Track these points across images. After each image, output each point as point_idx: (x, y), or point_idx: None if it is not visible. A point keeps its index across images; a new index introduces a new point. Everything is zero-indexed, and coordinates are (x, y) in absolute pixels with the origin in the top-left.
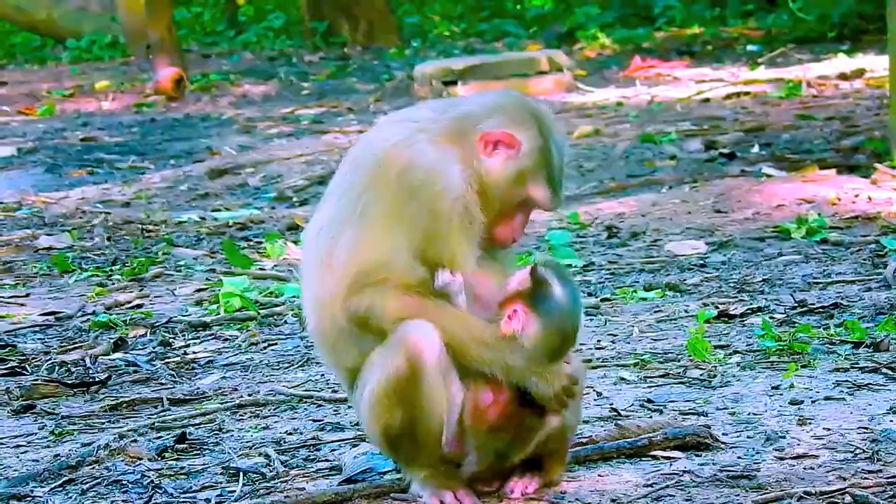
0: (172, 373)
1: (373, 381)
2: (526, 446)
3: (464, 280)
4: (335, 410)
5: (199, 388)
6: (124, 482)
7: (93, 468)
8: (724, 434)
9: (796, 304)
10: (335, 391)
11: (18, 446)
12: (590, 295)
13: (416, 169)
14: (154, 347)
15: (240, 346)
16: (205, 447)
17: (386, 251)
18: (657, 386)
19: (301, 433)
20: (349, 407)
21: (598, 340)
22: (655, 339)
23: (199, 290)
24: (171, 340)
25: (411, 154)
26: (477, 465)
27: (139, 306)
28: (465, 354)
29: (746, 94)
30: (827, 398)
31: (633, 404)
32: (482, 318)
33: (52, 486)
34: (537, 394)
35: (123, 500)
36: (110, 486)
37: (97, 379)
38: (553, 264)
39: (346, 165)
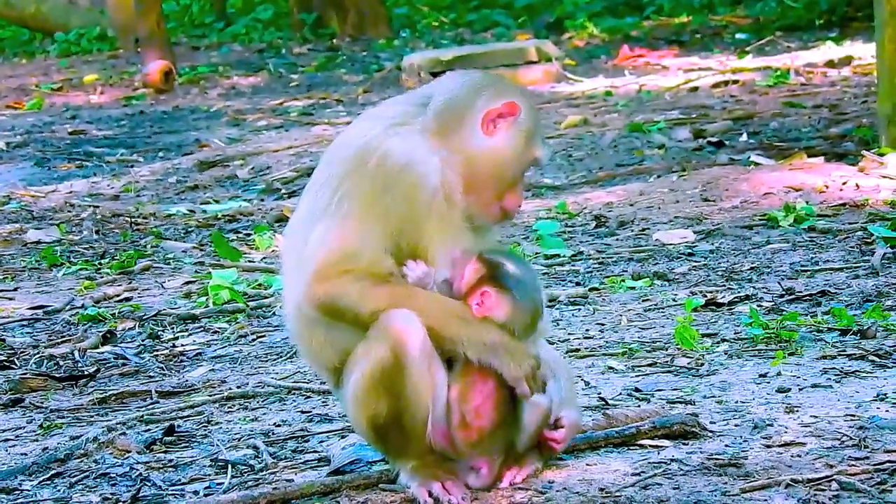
0: (161, 365)
1: (358, 372)
2: (520, 434)
3: (437, 272)
4: (323, 402)
5: (187, 381)
6: (112, 475)
7: (81, 461)
8: (711, 422)
9: (784, 292)
10: (323, 382)
11: (7, 440)
12: (578, 284)
13: (393, 160)
14: (143, 340)
15: (228, 338)
16: (193, 439)
17: (356, 242)
18: (645, 375)
19: (289, 425)
20: (337, 399)
21: (587, 330)
22: (643, 328)
23: (187, 283)
24: (159, 333)
25: (389, 145)
26: (487, 473)
27: (128, 299)
28: (444, 335)
29: (735, 82)
30: (814, 386)
31: (620, 393)
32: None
33: (41, 479)
34: (509, 375)
35: (111, 493)
36: (98, 479)
37: (86, 372)
38: (497, 250)
39: (324, 161)
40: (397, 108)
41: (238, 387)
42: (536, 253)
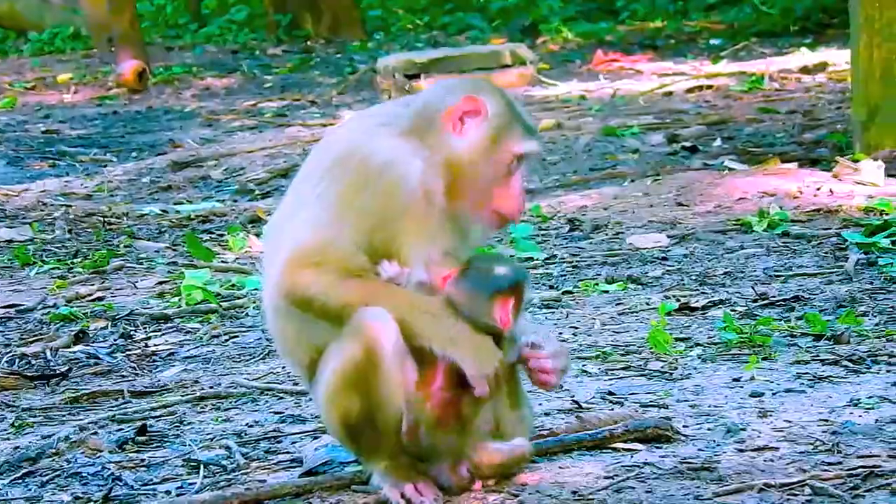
0: (133, 365)
1: (330, 369)
2: (471, 437)
3: (410, 274)
4: (296, 403)
5: (160, 381)
6: (84, 474)
7: (53, 460)
8: (684, 426)
9: (757, 297)
10: (296, 383)
11: None
12: (551, 288)
13: (375, 158)
14: (115, 340)
15: (201, 338)
16: (165, 439)
17: (330, 235)
18: (618, 378)
19: (262, 425)
20: (310, 399)
21: (560, 333)
22: (617, 332)
23: (160, 283)
24: (132, 333)
25: (372, 145)
26: (447, 472)
27: (100, 299)
28: (411, 328)
29: (709, 87)
30: (787, 390)
31: (594, 397)
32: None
33: (12, 478)
34: (469, 372)
35: (83, 493)
36: (70, 479)
37: (58, 371)
38: (509, 259)
39: (309, 160)
40: (386, 110)
41: (211, 387)
42: (510, 256)
